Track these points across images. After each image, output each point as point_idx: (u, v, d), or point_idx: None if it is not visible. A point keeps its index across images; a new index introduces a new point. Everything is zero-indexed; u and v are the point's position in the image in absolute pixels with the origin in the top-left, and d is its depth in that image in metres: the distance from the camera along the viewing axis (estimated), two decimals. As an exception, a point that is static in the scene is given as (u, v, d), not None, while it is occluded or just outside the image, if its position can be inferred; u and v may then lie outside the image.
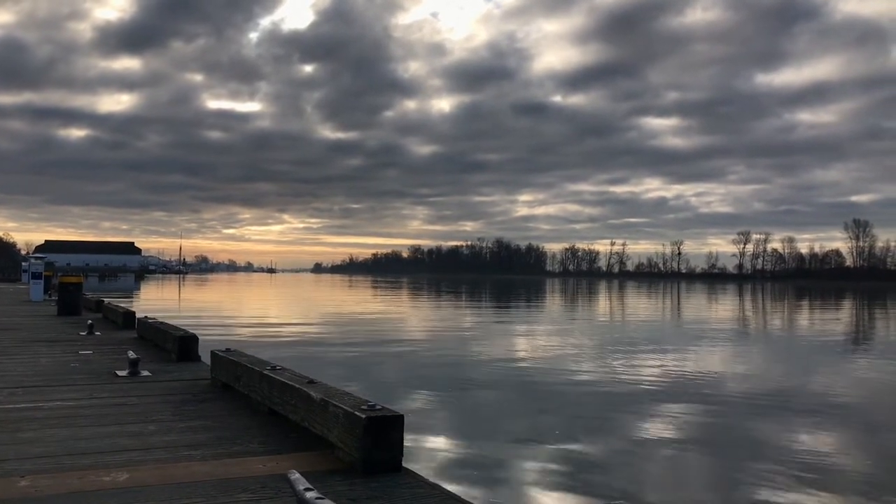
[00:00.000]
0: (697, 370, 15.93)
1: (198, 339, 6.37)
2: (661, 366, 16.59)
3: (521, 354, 18.77)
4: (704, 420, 10.49)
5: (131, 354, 5.62)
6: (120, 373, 5.49)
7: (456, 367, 15.97)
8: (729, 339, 24.61)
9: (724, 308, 50.37)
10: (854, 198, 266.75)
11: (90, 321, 9.06)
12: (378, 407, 2.97)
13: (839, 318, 38.68)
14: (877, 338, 27.24)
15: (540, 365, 16.58)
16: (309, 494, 2.19)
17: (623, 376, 14.94)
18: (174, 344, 6.35)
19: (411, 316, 35.01)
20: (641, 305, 52.26)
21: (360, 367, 16.02)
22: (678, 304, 56.16)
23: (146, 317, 8.46)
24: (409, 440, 8.68)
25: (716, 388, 13.61)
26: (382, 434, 2.89)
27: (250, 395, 4.24)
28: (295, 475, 2.34)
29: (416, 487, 2.71)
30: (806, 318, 38.85)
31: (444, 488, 2.71)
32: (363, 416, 2.87)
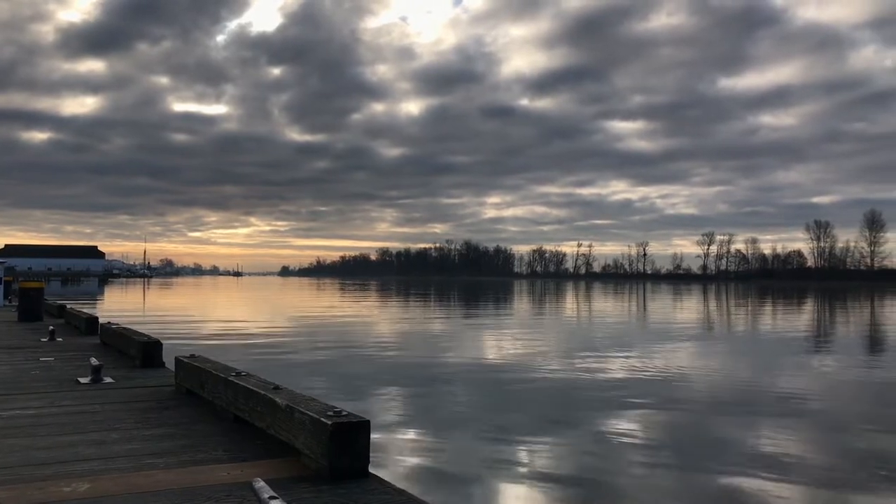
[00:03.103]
0: (661, 369, 16.12)
1: (161, 344, 6.29)
2: (627, 365, 16.76)
3: (489, 355, 18.81)
4: (668, 416, 10.65)
5: (94, 361, 5.53)
6: (82, 380, 5.40)
7: (424, 368, 15.96)
8: (693, 339, 24.93)
9: (688, 308, 51.00)
10: (815, 199, 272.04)
11: (51, 327, 8.91)
12: (344, 413, 2.96)
13: (800, 318, 39.35)
14: (836, 336, 27.75)
15: (507, 365, 16.63)
16: (273, 503, 2.17)
17: (589, 375, 15.07)
18: (138, 350, 6.26)
19: (379, 318, 34.92)
20: (607, 306, 52.70)
21: (328, 369, 15.94)
22: (643, 304, 56.74)
23: (109, 322, 8.33)
24: (376, 439, 8.70)
25: (679, 386, 13.81)
26: (349, 440, 2.88)
27: (215, 401, 4.20)
28: (259, 483, 2.33)
29: (383, 493, 2.70)
30: (768, 318, 39.45)
31: (411, 494, 2.71)
32: (329, 422, 2.86)
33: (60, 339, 8.57)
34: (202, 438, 3.61)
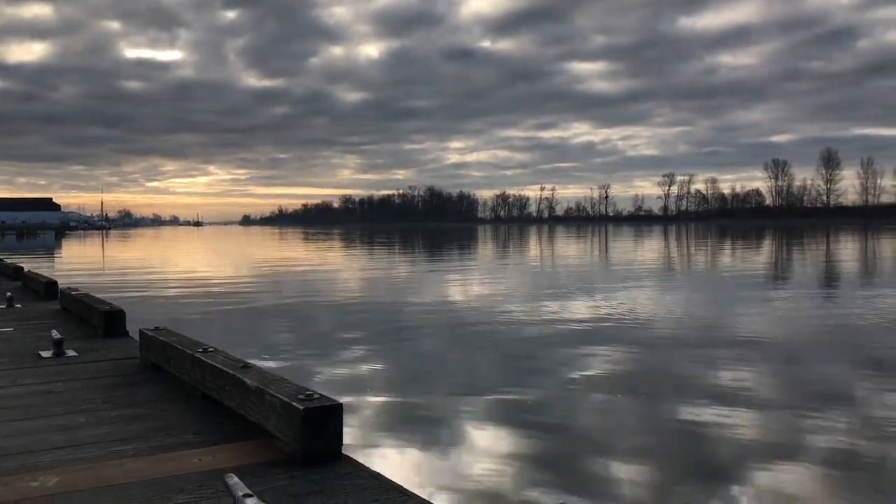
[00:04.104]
0: (623, 311, 16.48)
1: (124, 313, 6.18)
2: (590, 308, 17.10)
3: (455, 302, 19.00)
4: (632, 357, 11.01)
5: (55, 334, 5.42)
6: (44, 353, 5.29)
7: (390, 317, 16.08)
8: (653, 281, 25.39)
9: (649, 249, 51.77)
10: (774, 138, 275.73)
11: (9, 293, 8.70)
12: (316, 396, 2.94)
13: (756, 258, 40.17)
14: (791, 275, 28.44)
15: (473, 312, 16.83)
16: (249, 501, 2.15)
17: (553, 319, 15.34)
18: (100, 319, 6.15)
19: (344, 267, 34.89)
20: (570, 250, 53.26)
21: (295, 318, 15.98)
22: (605, 247, 57.41)
23: (69, 288, 8.16)
24: (346, 393, 8.74)
25: (641, 327, 14.22)
26: (321, 424, 2.87)
27: (182, 377, 4.15)
28: (233, 479, 2.30)
29: (357, 478, 2.70)
30: (726, 258, 40.23)
31: (385, 478, 2.71)
32: (301, 407, 2.83)
33: (19, 306, 8.40)
34: (171, 420, 3.56)
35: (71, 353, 5.33)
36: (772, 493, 5.56)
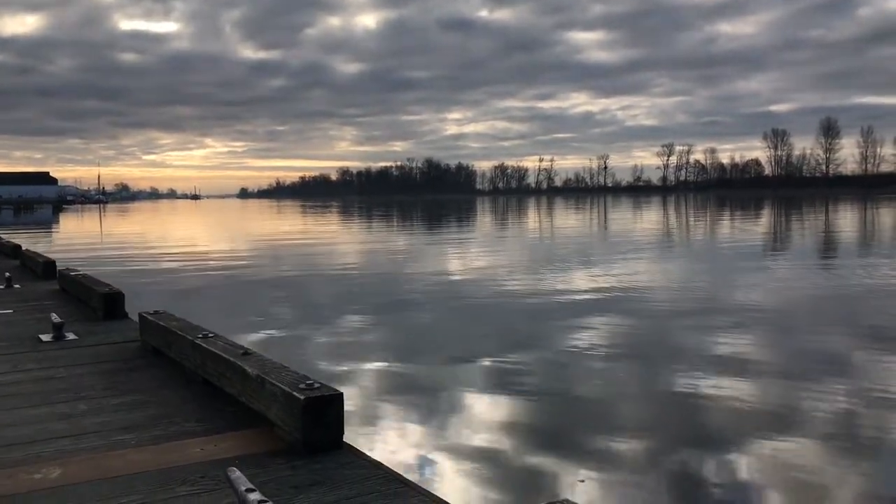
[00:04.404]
0: (623, 282, 16.56)
1: (123, 295, 6.19)
2: (590, 277, 17.21)
3: (454, 274, 19.07)
4: (634, 327, 11.13)
5: (55, 318, 5.43)
6: (44, 337, 5.30)
7: (389, 289, 16.17)
8: (652, 251, 25.48)
9: (648, 220, 51.81)
10: (773, 108, 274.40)
11: (7, 273, 8.70)
12: (316, 385, 2.95)
13: (755, 228, 40.21)
14: (790, 245, 28.47)
15: (472, 282, 16.93)
16: (251, 497, 2.17)
17: (552, 290, 15.42)
18: (99, 301, 6.15)
19: (343, 240, 34.90)
20: (569, 221, 53.32)
21: (293, 290, 16.06)
22: (604, 218, 57.45)
23: (68, 268, 8.16)
24: (345, 362, 8.83)
25: (640, 297, 14.28)
26: (322, 413, 2.88)
27: (183, 362, 4.16)
28: (235, 473, 2.31)
29: (358, 468, 2.72)
30: (725, 229, 40.25)
31: (387, 468, 2.73)
32: (302, 397, 2.85)
33: (18, 286, 8.39)
34: (172, 407, 3.58)
35: (71, 336, 5.34)
36: (769, 461, 5.63)
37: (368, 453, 3.01)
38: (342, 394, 2.94)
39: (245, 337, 10.46)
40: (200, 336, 4.01)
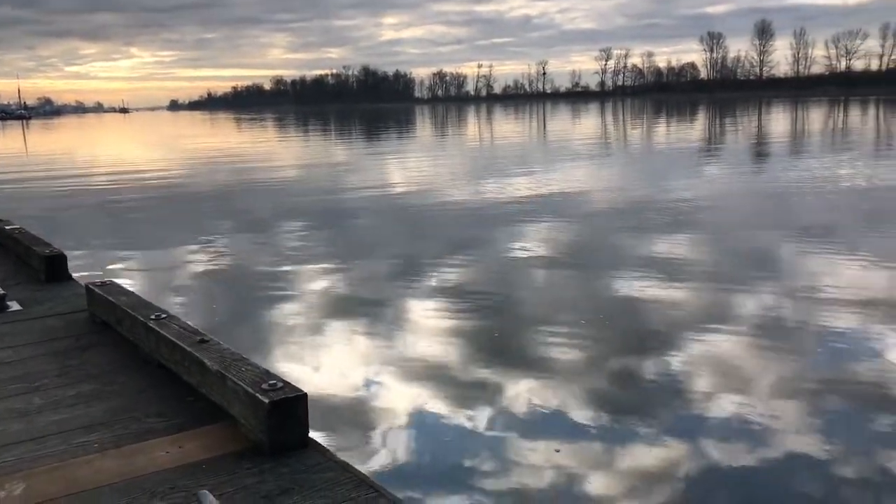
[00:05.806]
0: (560, 188, 16.92)
1: (66, 257, 6.02)
2: (529, 185, 17.51)
3: (394, 184, 19.14)
4: (569, 232, 11.56)
5: (-4, 288, 5.26)
6: (-14, 308, 5.15)
7: (328, 201, 16.19)
8: (590, 157, 25.86)
9: (585, 127, 52.14)
10: (709, 9, 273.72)
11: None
12: (279, 386, 2.97)
13: (688, 132, 40.91)
14: (720, 148, 29.14)
15: (411, 193, 17.03)
16: (227, 527, 2.21)
17: (492, 197, 15.69)
18: (40, 263, 5.98)
19: (280, 154, 34.31)
20: (507, 129, 53.31)
21: (233, 204, 15.94)
22: (543, 125, 57.57)
23: (2, 220, 7.85)
24: (287, 272, 9.05)
25: (580, 201, 14.69)
26: (287, 415, 2.92)
27: (136, 342, 4.12)
28: (209, 498, 2.35)
29: (326, 470, 2.78)
30: (661, 133, 40.85)
31: (354, 469, 2.80)
32: (266, 400, 2.87)
33: (-53, 238, 8.06)
34: (131, 397, 3.56)
35: (15, 306, 5.20)
36: (704, 360, 5.97)
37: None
38: (306, 394, 2.97)
39: (189, 248, 10.49)
40: (153, 318, 3.96)
